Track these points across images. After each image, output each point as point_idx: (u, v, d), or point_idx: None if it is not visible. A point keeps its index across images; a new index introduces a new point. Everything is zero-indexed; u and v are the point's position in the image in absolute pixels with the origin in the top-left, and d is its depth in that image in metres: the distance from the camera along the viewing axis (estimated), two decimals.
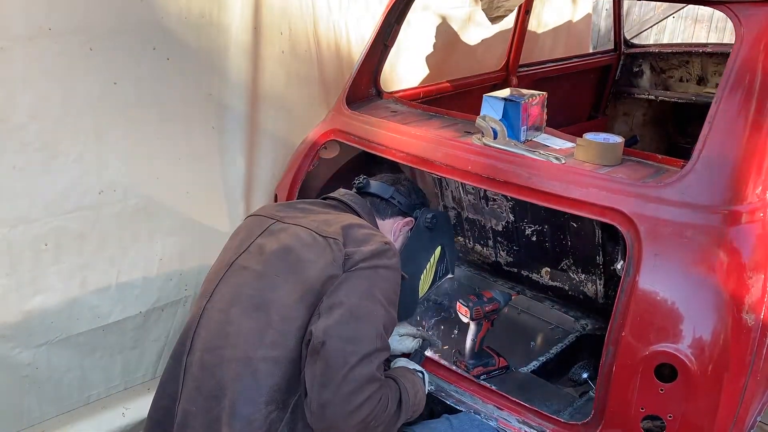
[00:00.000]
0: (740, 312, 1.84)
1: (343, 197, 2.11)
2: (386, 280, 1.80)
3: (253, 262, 1.87)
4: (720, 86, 1.98)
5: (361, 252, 1.77)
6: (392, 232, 2.16)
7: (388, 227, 2.15)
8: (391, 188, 2.17)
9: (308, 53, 3.25)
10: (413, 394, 1.91)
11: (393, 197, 2.16)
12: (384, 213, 2.15)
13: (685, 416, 1.84)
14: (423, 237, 2.20)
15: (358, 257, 1.76)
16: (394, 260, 1.82)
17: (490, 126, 2.43)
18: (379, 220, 2.12)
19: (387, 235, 2.07)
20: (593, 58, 4.91)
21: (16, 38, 2.32)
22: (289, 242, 1.85)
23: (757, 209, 1.93)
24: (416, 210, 2.20)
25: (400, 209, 2.16)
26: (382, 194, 2.15)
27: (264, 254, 1.86)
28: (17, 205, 2.47)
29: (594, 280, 2.85)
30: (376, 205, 2.15)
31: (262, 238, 1.92)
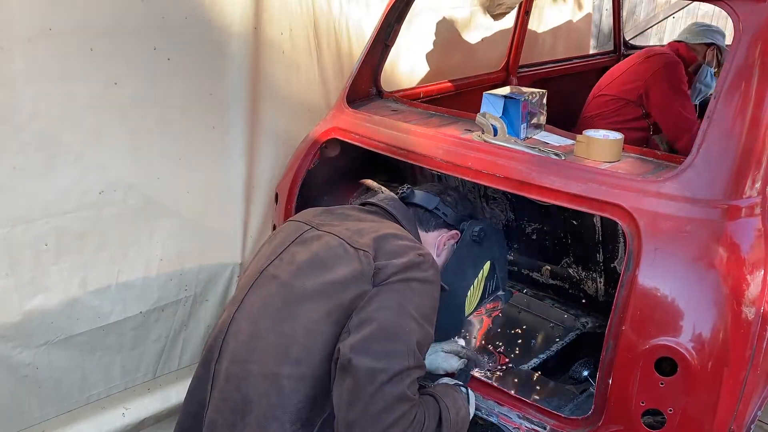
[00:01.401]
0: (740, 306, 1.84)
1: (385, 203, 2.01)
2: (420, 294, 1.71)
3: (283, 271, 1.81)
4: (719, 82, 1.99)
5: (392, 265, 1.69)
6: (436, 245, 2.05)
7: (432, 240, 2.04)
8: (437, 198, 2.07)
9: (308, 53, 3.26)
10: (455, 413, 1.82)
11: (438, 208, 2.05)
12: (428, 225, 2.05)
13: (685, 410, 1.84)
14: (470, 251, 2.09)
15: (389, 270, 1.68)
16: (429, 273, 1.73)
17: (490, 123, 2.43)
18: (423, 232, 2.02)
19: (431, 249, 2.00)
20: (593, 59, 4.92)
21: (16, 38, 2.33)
22: (319, 252, 1.79)
23: (757, 204, 1.94)
24: (463, 222, 2.09)
25: (445, 221, 2.06)
26: (427, 205, 2.05)
27: (294, 264, 1.80)
28: (17, 205, 2.47)
29: (594, 278, 2.85)
30: (420, 215, 2.05)
31: (295, 246, 1.86)
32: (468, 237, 2.06)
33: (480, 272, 2.14)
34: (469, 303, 2.13)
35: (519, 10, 3.96)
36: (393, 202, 2.02)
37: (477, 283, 2.13)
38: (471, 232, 2.06)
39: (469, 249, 2.07)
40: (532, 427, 2.14)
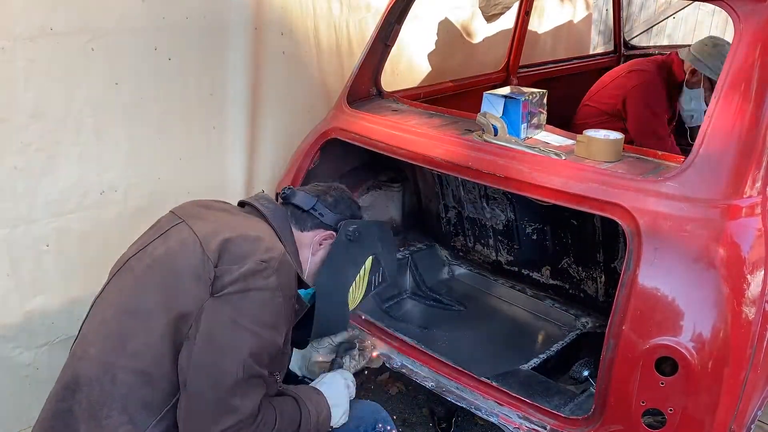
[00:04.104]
0: (740, 305, 1.84)
1: (257, 202, 2.01)
2: (259, 303, 1.69)
3: (139, 265, 1.82)
4: (719, 82, 1.99)
5: (230, 274, 1.67)
6: (311, 244, 2.04)
7: (307, 240, 2.03)
8: (314, 199, 2.06)
9: (309, 53, 3.26)
10: (315, 414, 1.88)
11: (315, 208, 2.05)
12: (303, 225, 2.03)
13: (685, 410, 1.84)
14: (347, 250, 2.08)
15: (226, 280, 1.67)
16: (271, 280, 1.70)
17: (490, 123, 2.43)
18: (298, 232, 2.01)
19: (305, 248, 2.02)
20: (593, 59, 4.92)
21: (17, 38, 2.33)
22: (173, 250, 1.79)
23: (757, 203, 1.94)
24: (340, 222, 2.08)
25: (321, 221, 2.05)
26: (303, 206, 2.04)
27: (151, 258, 1.81)
28: (18, 206, 2.47)
29: (594, 278, 2.86)
30: (297, 215, 2.04)
31: (159, 240, 1.86)
32: (343, 236, 2.06)
33: (362, 268, 2.14)
34: (353, 298, 2.14)
35: (519, 10, 3.97)
36: (266, 201, 2.02)
37: (359, 279, 2.14)
38: (346, 231, 2.06)
39: (345, 248, 2.07)
40: (532, 426, 2.14)
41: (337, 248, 2.06)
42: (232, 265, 1.68)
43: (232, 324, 1.65)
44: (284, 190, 2.11)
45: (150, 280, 1.76)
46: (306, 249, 2.02)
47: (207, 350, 1.64)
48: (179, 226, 1.87)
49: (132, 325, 1.71)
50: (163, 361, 1.67)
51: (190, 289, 1.68)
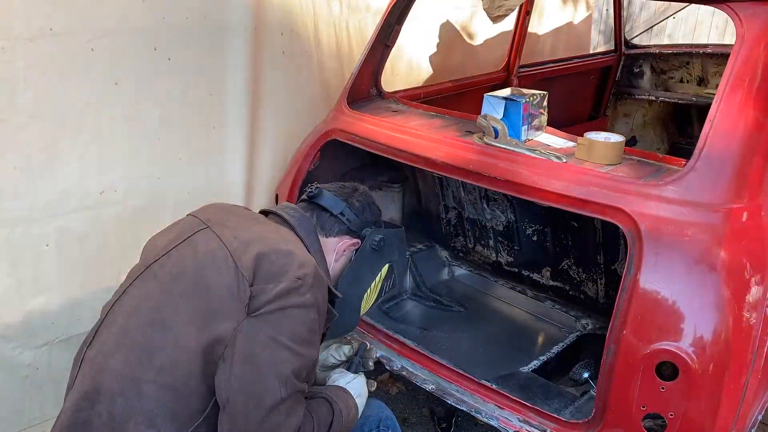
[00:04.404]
0: (741, 310, 1.84)
1: (284, 211, 1.98)
2: (297, 320, 1.70)
3: (163, 272, 1.79)
4: (721, 85, 1.98)
5: (266, 294, 1.66)
6: (336, 251, 2.02)
7: (331, 246, 2.01)
8: (343, 203, 2.03)
9: (309, 53, 3.26)
10: (346, 413, 1.89)
11: (343, 213, 2.02)
12: (330, 230, 2.01)
13: (686, 414, 1.84)
14: (369, 258, 2.08)
15: (262, 299, 1.66)
16: (307, 296, 1.71)
17: (491, 125, 2.43)
18: (323, 237, 2.00)
19: (329, 254, 2.00)
20: (594, 58, 4.92)
21: (17, 38, 2.32)
22: (202, 262, 1.76)
23: (758, 207, 1.93)
24: (366, 229, 2.07)
25: (348, 228, 2.03)
26: (332, 209, 2.01)
27: (177, 267, 1.78)
28: (18, 206, 2.47)
29: (595, 279, 2.85)
30: (323, 220, 2.01)
31: (183, 245, 1.83)
32: (368, 246, 2.05)
33: (378, 275, 2.15)
34: (365, 304, 2.16)
35: (519, 10, 3.96)
36: (292, 210, 1.99)
37: (374, 286, 2.15)
38: (371, 241, 2.05)
39: (368, 257, 2.07)
40: (532, 430, 2.14)
41: (360, 256, 2.05)
42: (267, 284, 1.67)
43: (272, 342, 1.64)
44: (311, 188, 2.06)
45: (178, 291, 1.73)
46: (330, 255, 2.01)
47: (248, 371, 1.62)
48: (205, 232, 1.84)
49: (159, 339, 1.68)
50: (192, 378, 1.65)
51: (225, 308, 1.66)
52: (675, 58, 4.96)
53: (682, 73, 5.01)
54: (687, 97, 4.75)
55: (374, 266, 2.12)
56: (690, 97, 4.74)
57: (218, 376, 1.64)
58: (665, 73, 5.07)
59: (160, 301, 1.73)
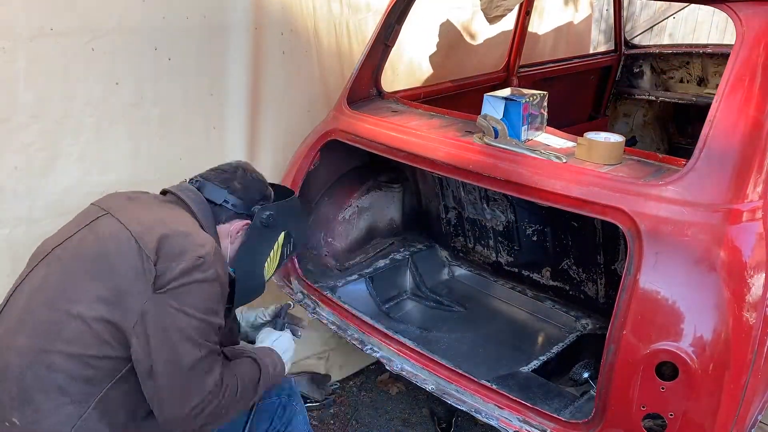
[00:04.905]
0: (741, 310, 1.84)
1: (184, 194, 2.05)
2: (200, 294, 1.79)
3: (66, 254, 1.86)
4: (721, 85, 1.98)
5: (171, 271, 1.75)
6: (229, 235, 2.10)
7: (224, 231, 2.09)
8: (224, 191, 2.09)
9: (309, 53, 3.26)
10: (272, 368, 2.05)
11: (227, 200, 2.08)
12: (220, 218, 2.08)
13: (686, 415, 1.84)
14: (262, 233, 2.16)
15: (168, 277, 1.75)
16: (209, 272, 1.80)
17: (491, 125, 2.43)
18: (218, 225, 2.07)
19: (224, 239, 2.09)
20: (594, 58, 4.92)
21: (17, 38, 2.33)
22: (104, 243, 1.83)
23: (758, 207, 1.93)
24: (254, 206, 2.13)
25: (235, 212, 2.10)
26: (215, 200, 2.07)
27: (80, 249, 1.86)
28: (19, 206, 2.47)
29: (595, 279, 2.85)
30: (213, 209, 2.07)
31: (86, 229, 1.90)
32: (258, 223, 2.13)
33: (275, 243, 2.23)
34: (268, 270, 2.24)
35: (519, 10, 3.96)
36: (191, 193, 2.06)
37: (273, 254, 2.23)
38: (260, 218, 2.12)
39: (260, 232, 2.15)
40: (532, 430, 2.14)
41: (253, 234, 2.14)
42: (171, 263, 1.76)
43: (179, 313, 1.74)
44: (194, 182, 2.13)
45: (82, 271, 1.79)
46: (225, 240, 2.09)
47: (163, 341, 1.73)
48: (105, 218, 1.91)
49: (65, 314, 1.74)
50: (103, 345, 1.73)
51: (131, 288, 1.74)
52: (675, 58, 4.96)
53: (682, 73, 5.01)
54: (687, 97, 4.74)
55: (269, 237, 2.20)
56: (690, 97, 4.73)
57: (135, 350, 1.73)
58: (665, 73, 5.07)
59: (64, 280, 1.81)
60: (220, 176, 2.14)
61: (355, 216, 3.19)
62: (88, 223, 1.91)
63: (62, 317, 1.74)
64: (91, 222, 1.91)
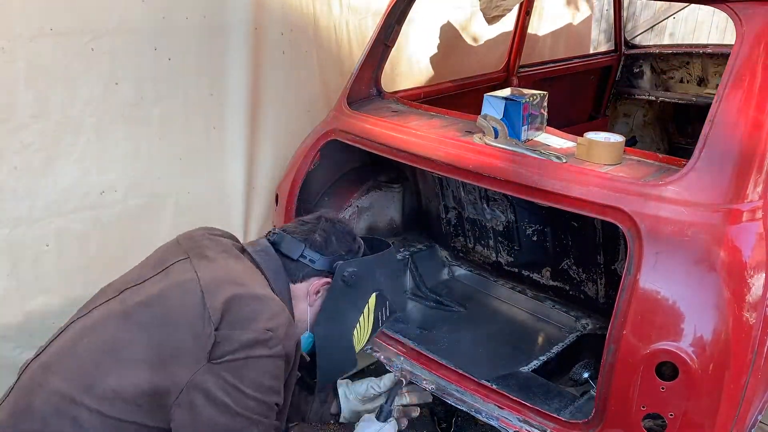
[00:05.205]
0: (741, 310, 1.84)
1: (258, 255, 1.85)
2: (260, 371, 1.60)
3: (132, 299, 1.70)
4: (721, 85, 1.98)
5: (231, 342, 1.56)
6: (307, 296, 1.88)
7: (301, 292, 1.86)
8: (302, 245, 1.87)
9: (309, 53, 3.26)
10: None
11: (304, 256, 1.86)
12: (295, 275, 1.86)
13: (686, 415, 1.84)
14: (346, 295, 1.89)
15: (227, 347, 1.56)
16: (276, 349, 1.60)
17: (491, 125, 2.43)
18: (292, 285, 1.86)
19: (301, 301, 1.87)
20: (594, 58, 4.91)
21: (17, 38, 2.33)
22: (170, 294, 1.67)
23: (758, 207, 1.93)
24: (337, 262, 1.88)
25: (313, 269, 1.86)
26: (291, 254, 1.86)
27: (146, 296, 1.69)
28: (18, 206, 2.47)
29: (595, 279, 2.85)
30: (288, 266, 1.86)
31: (159, 276, 1.74)
32: (340, 281, 1.87)
33: (365, 308, 1.95)
34: (358, 340, 1.98)
35: (519, 10, 3.96)
36: (263, 254, 1.86)
37: (363, 320, 1.96)
38: (341, 276, 1.87)
39: (343, 293, 1.89)
40: (532, 430, 2.14)
41: (335, 294, 1.89)
42: (234, 330, 1.58)
43: (234, 390, 1.56)
44: (271, 235, 1.93)
45: (139, 321, 1.64)
46: (302, 301, 1.88)
47: (215, 415, 1.56)
48: (182, 264, 1.75)
49: (106, 367, 1.59)
50: (135, 413, 1.58)
51: (183, 350, 1.58)
52: (675, 58, 4.96)
53: (682, 73, 5.01)
54: (687, 97, 4.74)
55: (357, 300, 1.94)
56: (690, 97, 4.73)
57: (177, 423, 1.57)
58: (665, 73, 5.07)
59: (118, 326, 1.65)
60: (300, 228, 1.93)
61: (355, 216, 3.19)
62: (165, 269, 1.76)
63: (101, 371, 1.59)
64: (168, 267, 1.76)
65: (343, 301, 1.91)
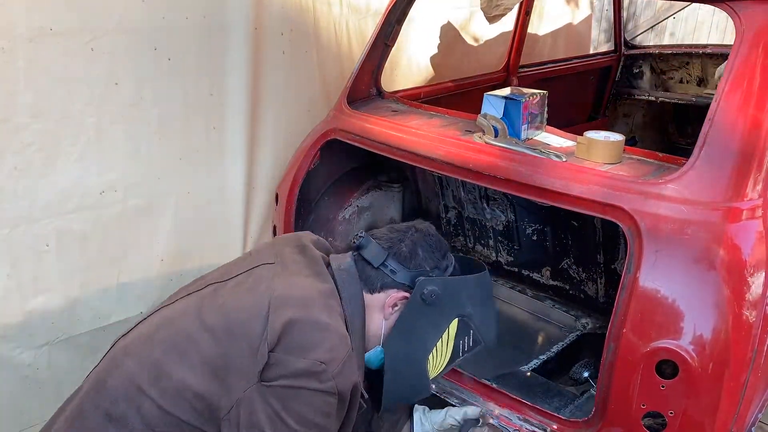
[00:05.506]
0: (741, 308, 1.84)
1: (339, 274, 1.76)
2: (308, 405, 1.52)
3: (212, 297, 1.69)
4: (720, 84, 1.98)
5: (283, 366, 1.50)
6: (383, 307, 1.76)
7: (378, 302, 1.76)
8: (385, 253, 1.77)
9: (308, 53, 3.26)
10: None
11: (385, 264, 1.76)
12: (373, 285, 1.76)
13: (686, 413, 1.84)
14: (423, 314, 1.76)
15: (279, 371, 1.51)
16: (328, 384, 1.52)
17: (491, 124, 2.43)
18: (368, 295, 1.76)
19: (376, 313, 1.76)
20: (593, 59, 4.91)
21: (17, 38, 2.32)
22: (241, 303, 1.63)
23: (758, 206, 1.94)
24: (419, 278, 1.75)
25: (393, 280, 1.75)
26: (373, 261, 1.76)
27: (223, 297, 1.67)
28: (18, 206, 2.47)
29: (595, 278, 2.85)
30: (367, 274, 1.76)
31: (243, 276, 1.73)
32: (418, 298, 1.74)
33: (445, 333, 1.80)
34: (434, 366, 1.83)
35: (519, 10, 3.96)
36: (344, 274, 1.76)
37: (441, 345, 1.81)
38: (420, 292, 1.73)
39: (421, 312, 1.75)
40: (532, 429, 2.14)
41: (412, 312, 1.76)
42: (288, 356, 1.51)
43: (277, 419, 1.51)
44: (358, 238, 1.82)
45: (209, 324, 1.61)
46: (377, 313, 1.77)
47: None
48: (266, 270, 1.72)
49: (172, 363, 1.58)
50: (189, 413, 1.56)
51: (239, 364, 1.54)
52: (674, 59, 4.96)
53: (681, 74, 5.01)
54: (687, 98, 4.74)
55: (435, 322, 1.79)
56: (690, 97, 4.73)
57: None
58: (665, 73, 5.07)
59: (191, 323, 1.64)
60: (389, 235, 1.83)
61: (355, 215, 3.19)
62: (250, 269, 1.74)
63: (169, 364, 1.58)
64: (253, 268, 1.73)
65: (420, 320, 1.77)
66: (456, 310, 1.80)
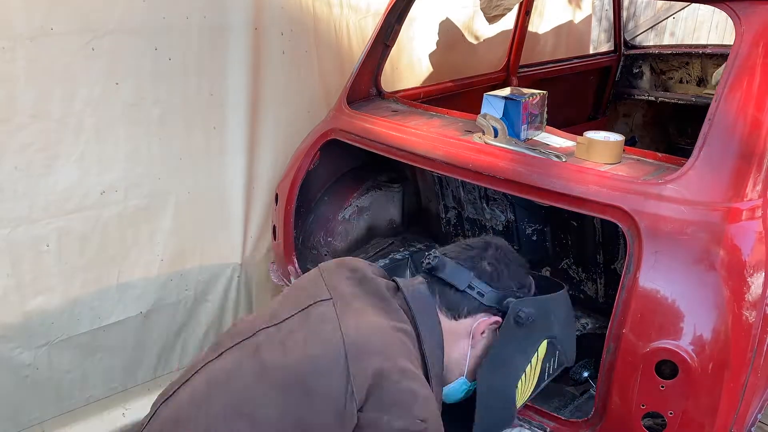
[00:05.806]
0: (741, 309, 1.84)
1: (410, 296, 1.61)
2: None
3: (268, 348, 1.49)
4: (720, 84, 1.98)
5: (379, 427, 1.35)
6: (470, 335, 1.62)
7: (463, 329, 1.61)
8: (469, 273, 1.62)
9: (308, 53, 3.26)
10: None
11: (471, 287, 1.61)
12: (457, 310, 1.61)
13: (686, 413, 1.84)
14: (516, 338, 1.63)
15: None
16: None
17: (490, 124, 2.43)
18: (450, 321, 1.60)
19: (461, 341, 1.62)
20: (593, 59, 4.91)
21: (17, 38, 2.33)
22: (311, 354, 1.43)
23: (757, 206, 1.93)
24: (508, 299, 1.63)
25: (481, 304, 1.61)
26: (457, 284, 1.61)
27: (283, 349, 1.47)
28: (18, 206, 2.47)
29: (594, 279, 2.85)
30: (448, 298, 1.62)
31: (297, 319, 1.54)
32: (513, 322, 1.61)
33: (534, 356, 1.69)
34: (521, 394, 1.72)
35: (519, 10, 3.96)
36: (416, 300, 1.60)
37: (530, 370, 1.70)
38: (516, 316, 1.61)
39: (514, 335, 1.63)
40: (532, 429, 2.14)
41: (504, 336, 1.64)
42: (382, 414, 1.36)
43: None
44: (430, 259, 1.67)
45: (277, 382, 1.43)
46: (463, 341, 1.64)
47: None
48: (325, 309, 1.54)
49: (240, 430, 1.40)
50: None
51: (321, 428, 1.38)
52: (674, 59, 4.96)
53: (681, 74, 5.01)
54: (686, 98, 4.74)
55: (526, 346, 1.68)
56: (689, 97, 4.73)
57: None
58: (665, 73, 5.07)
59: (252, 382, 1.45)
60: (466, 253, 1.68)
61: (354, 215, 3.19)
62: (304, 309, 1.56)
63: None
64: (307, 308, 1.55)
65: (511, 346, 1.66)
66: (546, 332, 1.71)
